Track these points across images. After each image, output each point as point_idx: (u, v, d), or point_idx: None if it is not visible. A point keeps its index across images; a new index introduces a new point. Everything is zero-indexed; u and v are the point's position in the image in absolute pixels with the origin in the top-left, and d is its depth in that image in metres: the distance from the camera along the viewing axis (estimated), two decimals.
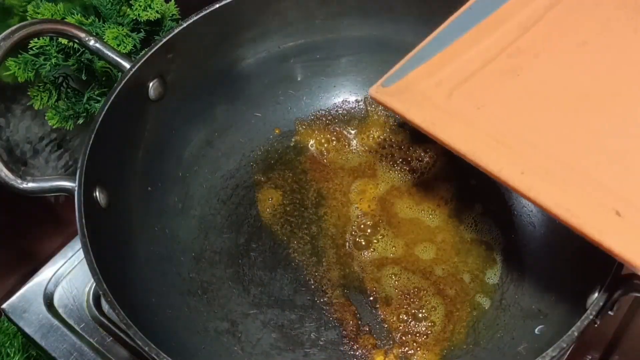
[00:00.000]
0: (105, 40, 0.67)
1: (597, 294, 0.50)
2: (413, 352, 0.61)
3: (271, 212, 0.71)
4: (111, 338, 0.68)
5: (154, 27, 0.74)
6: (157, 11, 0.71)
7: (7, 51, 0.57)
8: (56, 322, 0.69)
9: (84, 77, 0.72)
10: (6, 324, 0.81)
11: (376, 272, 0.66)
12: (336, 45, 0.75)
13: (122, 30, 0.71)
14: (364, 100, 0.77)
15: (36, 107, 0.73)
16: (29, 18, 0.71)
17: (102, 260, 0.53)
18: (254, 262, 0.67)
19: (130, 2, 0.72)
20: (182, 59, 0.67)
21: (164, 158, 0.69)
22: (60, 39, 0.69)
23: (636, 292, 0.49)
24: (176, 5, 0.76)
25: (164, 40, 0.64)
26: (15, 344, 0.81)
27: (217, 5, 0.66)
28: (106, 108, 0.60)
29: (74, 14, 0.71)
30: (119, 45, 0.70)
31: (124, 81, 0.62)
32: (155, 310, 0.61)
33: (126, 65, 0.63)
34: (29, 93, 0.73)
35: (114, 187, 0.61)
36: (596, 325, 0.50)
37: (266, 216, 0.71)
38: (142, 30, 0.73)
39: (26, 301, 0.71)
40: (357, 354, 0.62)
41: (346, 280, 0.66)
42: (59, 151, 0.84)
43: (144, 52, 0.64)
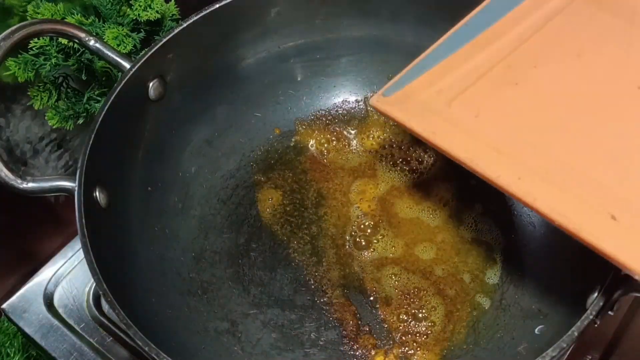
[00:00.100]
0: (105, 40, 0.67)
1: (597, 294, 0.50)
2: (413, 352, 0.61)
3: (271, 212, 0.71)
4: (111, 338, 0.68)
5: (154, 27, 0.74)
6: (157, 11, 0.71)
7: (7, 51, 0.57)
8: (56, 322, 0.69)
9: (84, 77, 0.72)
10: (6, 324, 0.81)
11: (376, 272, 0.66)
12: (336, 45, 0.75)
13: (122, 30, 0.71)
14: (364, 100, 0.77)
15: (36, 107, 0.73)
16: (29, 18, 0.71)
17: (102, 260, 0.53)
18: (254, 262, 0.67)
19: (130, 2, 0.72)
20: (182, 59, 0.67)
21: (164, 158, 0.69)
22: (60, 39, 0.69)
23: (636, 292, 0.49)
24: (176, 5, 0.76)
25: (164, 40, 0.64)
26: (15, 344, 0.81)
27: (217, 5, 0.66)
28: (106, 108, 0.60)
29: (74, 14, 0.71)
30: (119, 45, 0.70)
31: (124, 81, 0.62)
32: (155, 310, 0.61)
33: (126, 65, 0.63)
34: (29, 93, 0.73)
35: (114, 187, 0.61)
36: (596, 325, 0.50)
37: (266, 216, 0.71)
38: (142, 30, 0.73)
39: (26, 301, 0.71)
40: (357, 354, 0.62)
41: (346, 280, 0.66)
42: (59, 151, 0.84)
43: (144, 52, 0.64)
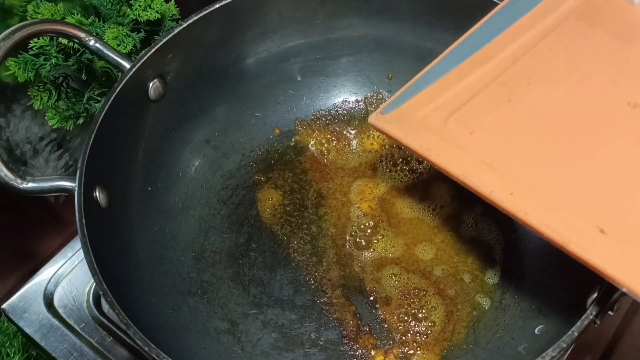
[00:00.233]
0: (105, 40, 0.67)
1: (597, 294, 0.50)
2: (413, 352, 0.61)
3: (271, 212, 0.71)
4: (111, 338, 0.68)
5: (154, 27, 0.74)
6: (157, 11, 0.71)
7: (7, 51, 0.57)
8: (56, 322, 0.69)
9: (84, 77, 0.72)
10: (6, 324, 0.82)
11: (376, 272, 0.66)
12: (336, 45, 0.75)
13: (122, 30, 0.71)
14: (364, 100, 0.77)
15: (36, 107, 0.73)
16: (29, 18, 0.71)
17: (102, 260, 0.53)
18: (254, 262, 0.67)
19: (130, 2, 0.72)
20: (182, 59, 0.67)
21: (164, 158, 0.69)
22: (60, 39, 0.70)
23: None
24: (176, 5, 0.76)
25: (164, 40, 0.64)
26: (15, 344, 0.81)
27: (217, 5, 0.66)
28: (106, 108, 0.60)
29: (74, 14, 0.71)
30: (119, 45, 0.70)
31: (124, 81, 0.62)
32: (155, 310, 0.61)
33: (126, 65, 0.63)
34: (29, 93, 0.73)
35: (114, 187, 0.61)
36: (596, 325, 0.50)
37: (266, 216, 0.71)
38: (142, 30, 0.73)
39: (26, 301, 0.71)
40: (357, 354, 0.62)
41: (346, 280, 0.66)
42: (59, 151, 0.84)
43: (144, 52, 0.64)
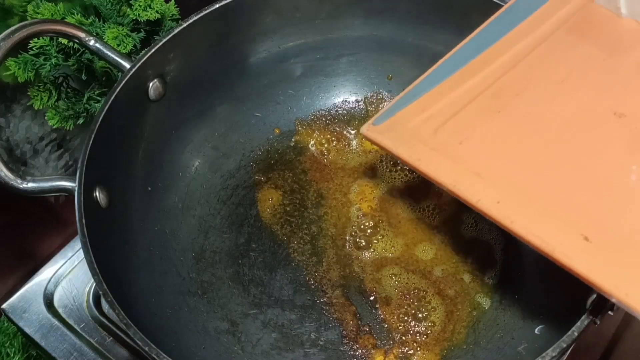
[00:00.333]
0: (105, 40, 0.67)
1: (597, 294, 0.50)
2: (413, 352, 0.61)
3: (271, 212, 0.71)
4: (111, 338, 0.68)
5: (154, 27, 0.74)
6: (157, 11, 0.71)
7: (7, 51, 0.57)
8: (56, 322, 0.69)
9: (84, 77, 0.72)
10: (6, 324, 0.82)
11: (376, 272, 0.66)
12: (336, 45, 0.75)
13: (122, 30, 0.71)
14: (364, 100, 0.77)
15: (36, 107, 0.73)
16: (29, 18, 0.71)
17: (102, 260, 0.53)
18: (254, 262, 0.67)
19: (130, 2, 0.72)
20: (182, 59, 0.67)
21: (164, 158, 0.69)
22: (60, 39, 0.70)
23: None
24: (176, 5, 0.76)
25: (164, 40, 0.64)
26: (15, 344, 0.81)
27: (217, 5, 0.66)
28: (106, 108, 0.60)
29: (74, 14, 0.71)
30: (119, 45, 0.70)
31: (124, 81, 0.62)
32: (155, 310, 0.61)
33: (126, 65, 0.63)
34: (29, 93, 0.73)
35: (113, 187, 0.61)
36: (596, 325, 0.50)
37: (266, 216, 0.71)
38: (142, 30, 0.73)
39: (26, 301, 0.71)
40: (357, 354, 0.62)
41: (346, 280, 0.66)
42: (59, 151, 0.84)
43: (144, 52, 0.64)
